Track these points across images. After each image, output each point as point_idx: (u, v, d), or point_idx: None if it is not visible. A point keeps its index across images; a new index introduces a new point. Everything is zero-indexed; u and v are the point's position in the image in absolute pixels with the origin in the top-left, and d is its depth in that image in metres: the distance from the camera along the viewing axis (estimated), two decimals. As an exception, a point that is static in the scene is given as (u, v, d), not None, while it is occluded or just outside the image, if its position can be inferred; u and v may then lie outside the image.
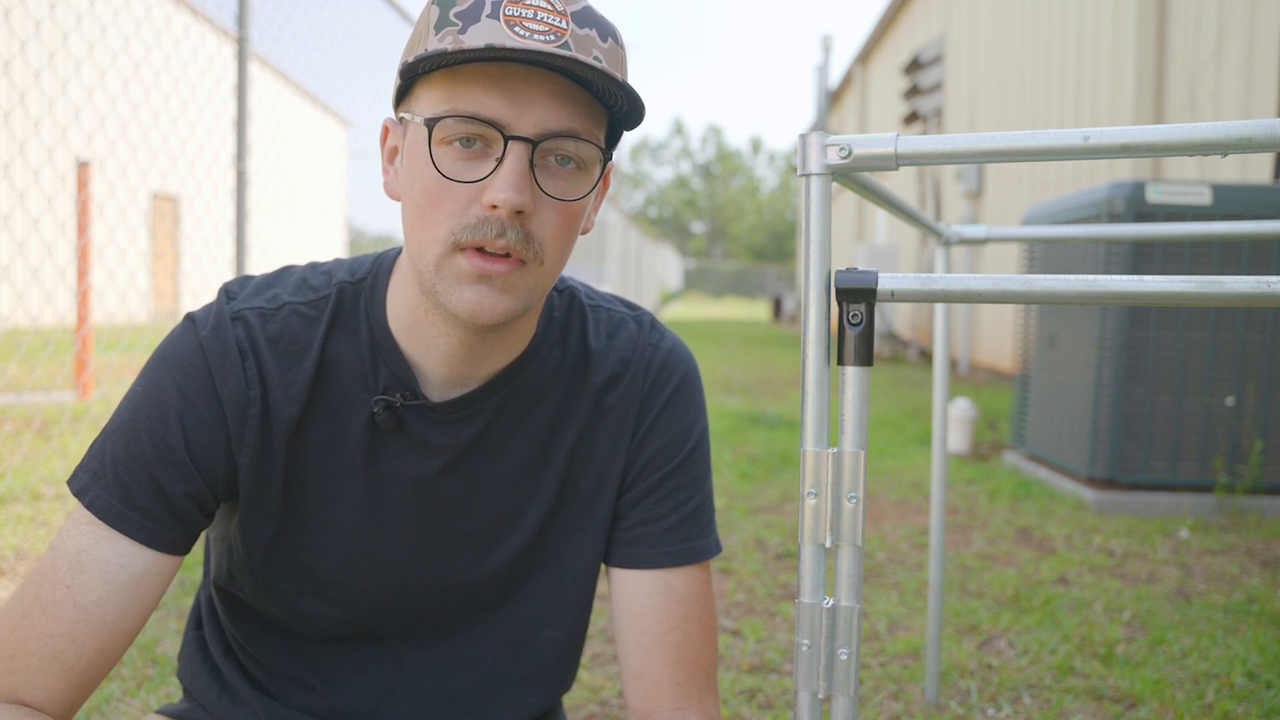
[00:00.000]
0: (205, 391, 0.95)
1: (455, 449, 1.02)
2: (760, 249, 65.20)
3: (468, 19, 0.86)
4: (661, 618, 1.06)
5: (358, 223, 10.23)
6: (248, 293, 1.00)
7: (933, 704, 2.05)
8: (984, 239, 1.96)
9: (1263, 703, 2.05)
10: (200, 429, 0.95)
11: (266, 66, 8.42)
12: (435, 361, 0.99)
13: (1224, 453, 3.86)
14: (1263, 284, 0.69)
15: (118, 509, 0.93)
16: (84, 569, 0.92)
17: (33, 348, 7.11)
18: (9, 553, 2.85)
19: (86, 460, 0.96)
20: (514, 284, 0.91)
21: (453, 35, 0.86)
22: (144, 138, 5.23)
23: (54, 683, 0.91)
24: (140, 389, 0.96)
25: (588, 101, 0.91)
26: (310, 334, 0.99)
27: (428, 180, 0.90)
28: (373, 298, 1.01)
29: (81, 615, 0.91)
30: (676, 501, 1.09)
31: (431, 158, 0.88)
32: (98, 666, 0.93)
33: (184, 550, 0.97)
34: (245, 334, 0.97)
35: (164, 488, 0.94)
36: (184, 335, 0.97)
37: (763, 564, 3.06)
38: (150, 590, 0.95)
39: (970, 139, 0.71)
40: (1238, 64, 5.89)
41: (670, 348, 1.13)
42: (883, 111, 15.90)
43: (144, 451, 0.94)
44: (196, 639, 1.16)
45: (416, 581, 1.05)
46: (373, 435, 1.00)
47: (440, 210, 0.89)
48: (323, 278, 1.03)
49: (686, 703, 1.05)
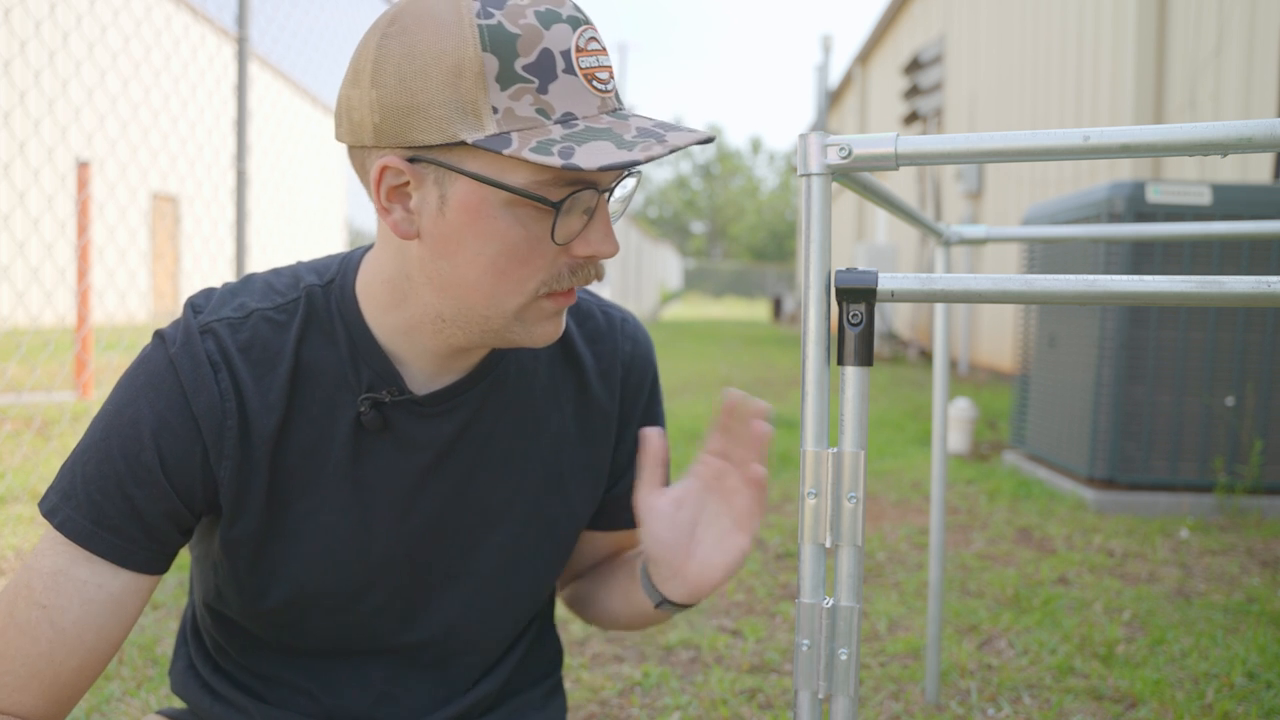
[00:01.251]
0: (178, 408, 0.94)
1: (440, 444, 1.02)
2: (760, 249, 65.20)
3: (543, 76, 0.84)
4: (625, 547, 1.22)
5: (358, 223, 10.22)
6: (214, 304, 0.99)
7: (933, 704, 2.05)
8: (984, 239, 1.96)
9: (1263, 703, 2.05)
10: (175, 446, 0.94)
11: (266, 66, 8.42)
12: (424, 359, 0.99)
13: (1224, 453, 3.86)
14: (1263, 284, 0.69)
15: (90, 529, 0.92)
16: (60, 590, 0.91)
17: (33, 348, 7.11)
18: (9, 553, 2.85)
19: (58, 481, 0.95)
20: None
21: (530, 94, 0.84)
22: (144, 138, 5.23)
23: (31, 700, 0.91)
24: (112, 409, 0.95)
25: None
26: (281, 339, 0.98)
27: (515, 241, 0.88)
28: (344, 297, 1.00)
29: (59, 635, 0.91)
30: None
31: (553, 234, 0.87)
32: (76, 685, 0.93)
33: (160, 570, 0.96)
34: (216, 346, 0.96)
35: (138, 507, 0.93)
36: (154, 353, 0.96)
37: (763, 564, 3.06)
38: (129, 608, 0.94)
39: (970, 139, 0.71)
40: (1238, 64, 5.89)
41: (637, 336, 1.17)
42: (883, 111, 15.90)
43: (117, 470, 0.92)
44: (185, 655, 1.16)
45: (406, 580, 1.05)
46: (357, 438, 1.00)
47: (529, 266, 0.89)
48: (288, 281, 1.02)
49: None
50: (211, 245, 5.58)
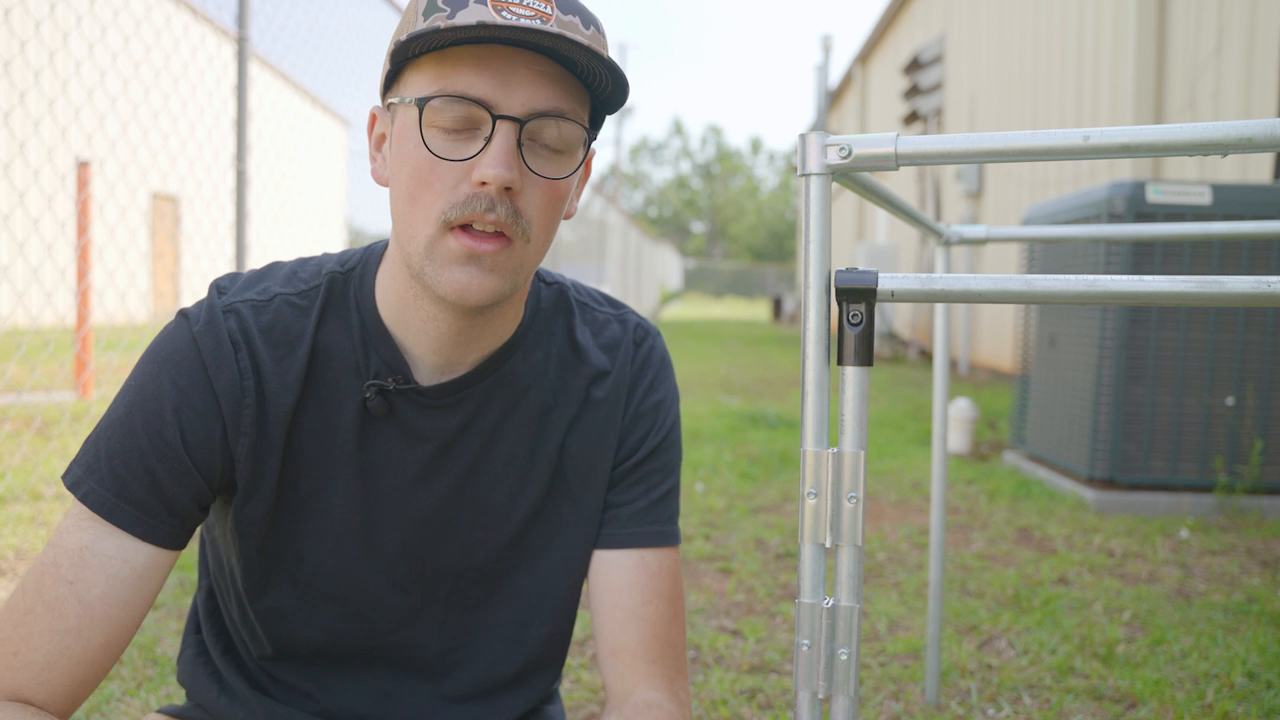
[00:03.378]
0: (200, 385, 0.96)
1: (444, 436, 1.03)
2: (760, 249, 65.18)
3: (455, 4, 0.88)
4: (636, 592, 1.08)
5: (358, 222, 10.24)
6: (238, 287, 1.01)
7: (933, 704, 2.05)
8: (984, 239, 1.96)
9: (1263, 703, 2.05)
10: (196, 423, 0.95)
11: (266, 66, 8.42)
12: (425, 347, 1.00)
13: (1224, 453, 3.85)
14: (1263, 284, 0.69)
15: (113, 502, 0.93)
16: (86, 565, 0.92)
17: (33, 348, 7.11)
18: (9, 553, 2.85)
19: (81, 455, 0.96)
20: (501, 264, 0.93)
21: (441, 19, 0.88)
22: (144, 138, 5.22)
23: (58, 678, 0.92)
24: (135, 384, 0.97)
25: (572, 83, 0.93)
26: (302, 323, 1.00)
27: (417, 161, 0.91)
28: (362, 286, 1.02)
29: (86, 611, 0.91)
30: (648, 486, 1.12)
31: (423, 138, 0.90)
32: (101, 662, 0.93)
33: (179, 545, 0.98)
34: (238, 326, 0.98)
35: (160, 482, 0.94)
36: (177, 330, 0.98)
37: (763, 564, 3.06)
38: (151, 584, 0.95)
39: (970, 139, 0.71)
40: (1238, 64, 5.89)
41: (651, 341, 1.16)
42: (883, 111, 15.89)
43: (140, 446, 0.94)
44: (195, 642, 1.16)
45: (406, 571, 1.06)
46: (364, 423, 1.01)
47: (430, 190, 0.91)
48: (312, 269, 1.04)
49: (661, 683, 1.07)
50: (211, 245, 5.58)
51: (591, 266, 14.61)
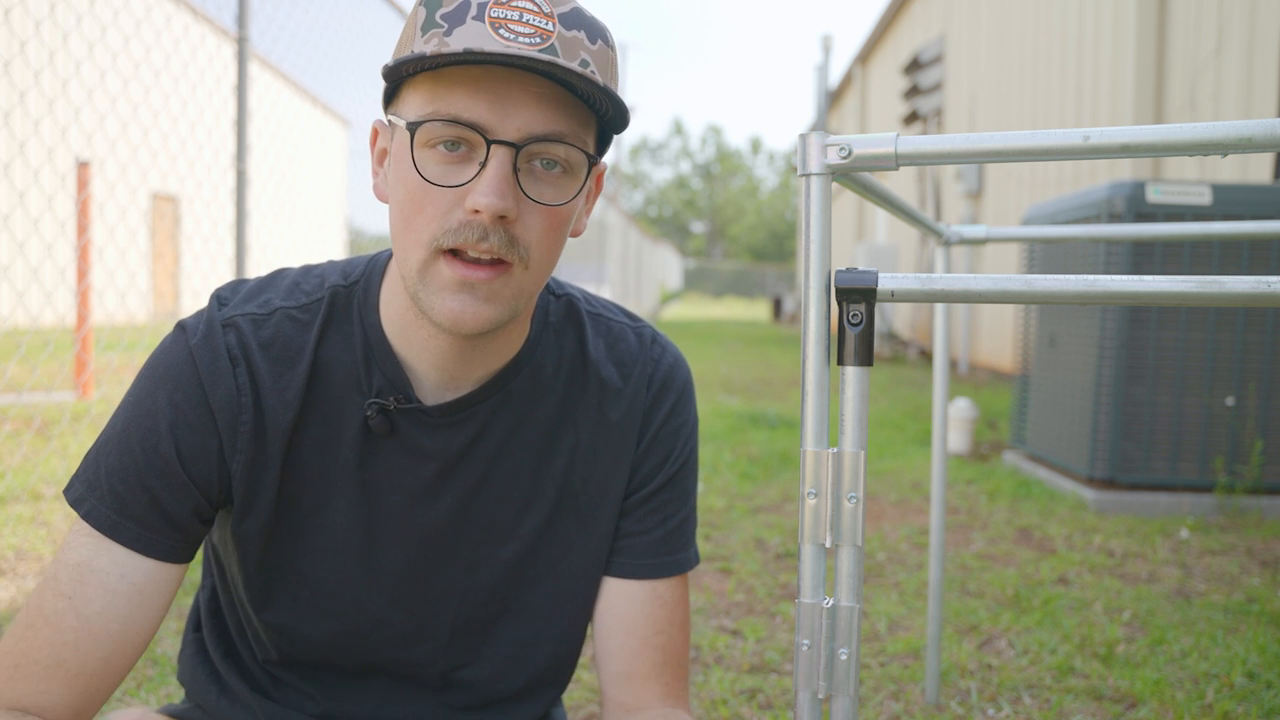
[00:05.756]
0: (195, 400, 0.95)
1: (448, 455, 1.01)
2: (760, 249, 65.17)
3: (453, 21, 0.85)
4: (649, 623, 1.08)
5: (358, 223, 10.23)
6: (240, 299, 1.00)
7: (933, 704, 2.05)
8: (984, 239, 1.96)
9: (1263, 703, 2.05)
10: (191, 438, 0.95)
11: (266, 66, 8.41)
12: (427, 365, 0.98)
13: (1224, 453, 3.85)
14: (1263, 284, 0.69)
15: (113, 519, 0.93)
16: (84, 580, 0.92)
17: (33, 348, 7.11)
18: (9, 553, 2.85)
19: (81, 470, 0.96)
20: (498, 291, 0.90)
21: (438, 38, 0.85)
22: (144, 138, 5.22)
23: (56, 689, 0.91)
24: (132, 399, 0.96)
25: (574, 104, 0.89)
26: (303, 338, 0.99)
27: (411, 184, 0.89)
28: (365, 300, 1.00)
29: (84, 624, 0.91)
30: (664, 515, 1.10)
31: (414, 162, 0.88)
32: (103, 675, 0.93)
33: (185, 558, 0.97)
34: (237, 340, 0.97)
35: (159, 498, 0.94)
36: (174, 344, 0.97)
37: (763, 564, 3.05)
38: (154, 598, 0.94)
39: (970, 139, 0.71)
40: (1238, 64, 5.89)
41: (671, 362, 1.12)
42: (883, 111, 15.89)
43: (137, 463, 0.94)
44: (196, 641, 1.16)
45: (410, 590, 1.04)
46: (365, 440, 1.00)
47: (423, 214, 0.88)
48: (315, 281, 1.02)
49: (675, 702, 1.08)
50: (211, 245, 5.57)
51: (591, 266, 14.61)
